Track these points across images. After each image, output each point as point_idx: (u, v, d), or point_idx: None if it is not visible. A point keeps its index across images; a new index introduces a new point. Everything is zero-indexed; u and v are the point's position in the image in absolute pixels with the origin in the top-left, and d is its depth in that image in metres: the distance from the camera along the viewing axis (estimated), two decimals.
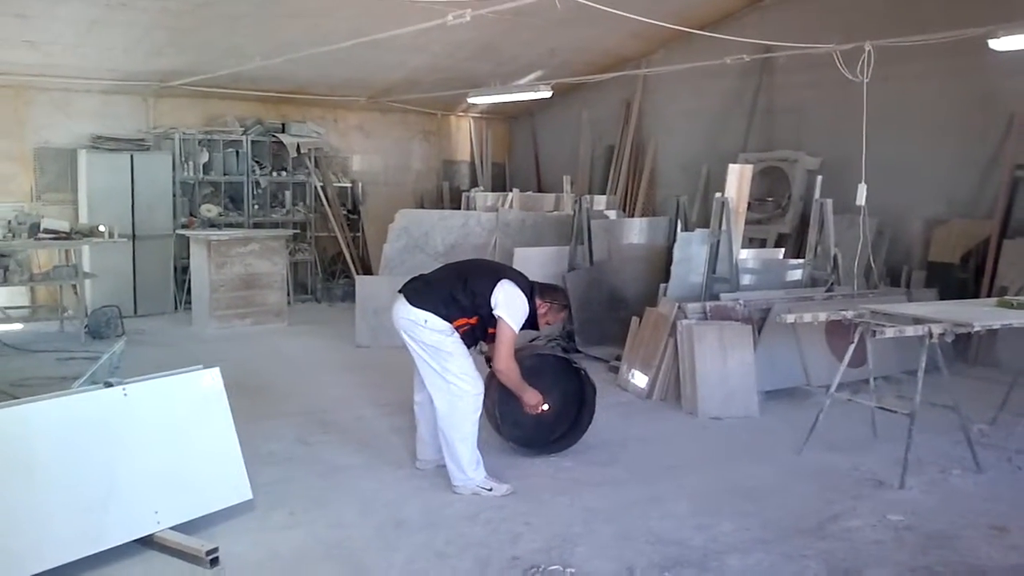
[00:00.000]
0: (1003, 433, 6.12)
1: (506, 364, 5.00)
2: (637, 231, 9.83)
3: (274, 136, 12.08)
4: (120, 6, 8.34)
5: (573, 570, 4.00)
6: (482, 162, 14.81)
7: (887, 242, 9.56)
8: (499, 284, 4.94)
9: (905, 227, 9.56)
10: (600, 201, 11.23)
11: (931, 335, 5.21)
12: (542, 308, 5.14)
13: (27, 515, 3.77)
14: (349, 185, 13.12)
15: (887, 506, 4.85)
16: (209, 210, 11.44)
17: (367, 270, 12.11)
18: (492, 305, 4.90)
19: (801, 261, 8.27)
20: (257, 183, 11.99)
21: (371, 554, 4.18)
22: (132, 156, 10.58)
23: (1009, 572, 4.07)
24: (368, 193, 13.22)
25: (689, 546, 4.29)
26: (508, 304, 4.91)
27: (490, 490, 4.93)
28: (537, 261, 9.23)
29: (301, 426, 6.22)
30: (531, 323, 5.12)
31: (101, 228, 9.36)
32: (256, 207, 11.98)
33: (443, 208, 13.25)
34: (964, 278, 8.94)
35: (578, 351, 8.63)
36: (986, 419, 6.27)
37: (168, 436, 4.35)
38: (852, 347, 5.68)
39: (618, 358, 7.85)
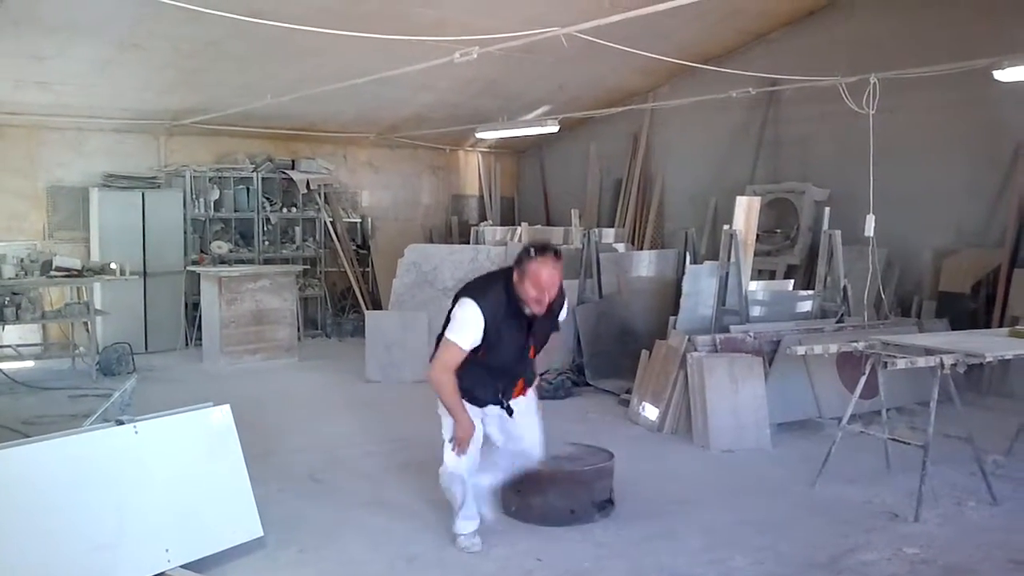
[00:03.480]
0: (1018, 464, 6.06)
1: (436, 374, 4.25)
2: (646, 264, 9.84)
3: (284, 173, 12.17)
4: (132, 46, 8.46)
5: None
6: (491, 196, 14.88)
7: (897, 272, 9.54)
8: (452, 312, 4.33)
9: (914, 257, 9.55)
10: (609, 234, 11.25)
11: (943, 366, 5.19)
12: (519, 284, 4.19)
13: (39, 553, 3.76)
14: (359, 220, 13.19)
15: (902, 539, 4.80)
16: (220, 246, 11.51)
17: (377, 305, 12.14)
18: None
19: (811, 292, 8.27)
20: (267, 219, 12.06)
21: None
22: (143, 194, 10.67)
23: None
24: (377, 228, 13.29)
25: None
26: (454, 320, 4.26)
27: (462, 548, 4.64)
28: None
29: (311, 462, 6.20)
30: (528, 320, 4.30)
31: (112, 265, 9.41)
32: (266, 243, 12.05)
33: (452, 242, 13.30)
34: (975, 308, 8.90)
35: (588, 384, 8.61)
36: (1001, 450, 6.22)
37: (179, 473, 4.35)
38: (864, 379, 5.65)
39: (628, 391, 7.82)
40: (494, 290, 4.26)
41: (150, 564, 4.08)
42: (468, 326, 4.17)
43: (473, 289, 4.32)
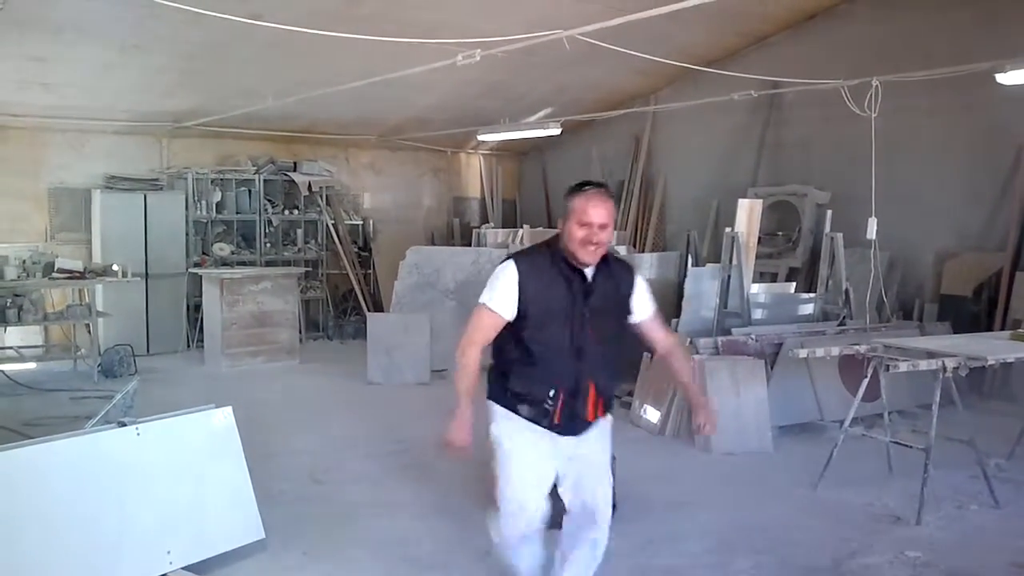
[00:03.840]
0: (1020, 467, 6.06)
1: (460, 347, 3.49)
2: (648, 266, 9.83)
3: (286, 175, 12.17)
4: (134, 48, 8.46)
5: None
6: (492, 198, 14.88)
7: (899, 275, 9.54)
8: None
9: (916, 260, 9.54)
10: None
11: (945, 369, 5.19)
12: (564, 229, 3.43)
13: (40, 555, 3.76)
14: (360, 222, 13.19)
15: (904, 543, 4.80)
16: (221, 248, 11.51)
17: (378, 307, 12.14)
18: None
19: (813, 295, 8.26)
20: (269, 221, 12.07)
21: None
22: (145, 196, 10.67)
23: None
24: (379, 230, 13.29)
25: None
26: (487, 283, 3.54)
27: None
28: None
29: (313, 465, 6.20)
30: (583, 287, 3.46)
31: (114, 267, 9.42)
32: (268, 245, 12.05)
33: (454, 244, 13.30)
34: (977, 311, 8.89)
35: None
36: (1003, 453, 6.22)
37: (181, 475, 4.35)
38: (866, 381, 5.65)
39: (630, 393, 7.82)
40: (535, 248, 3.64)
41: (152, 566, 4.08)
42: (499, 283, 3.43)
43: (513, 252, 3.69)
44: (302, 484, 5.80)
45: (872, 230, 7.65)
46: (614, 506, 5.13)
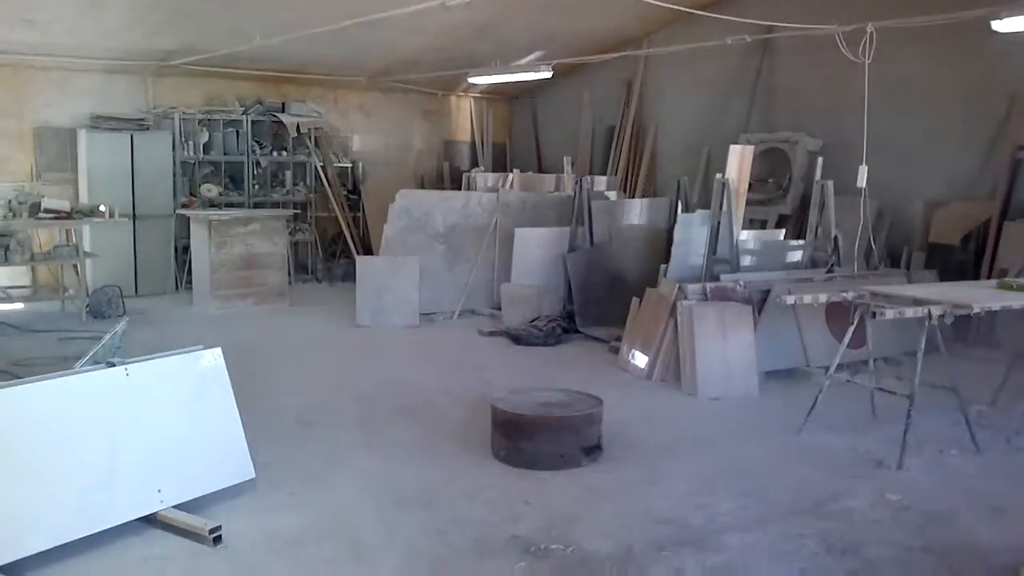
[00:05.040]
0: (1002, 414, 6.14)
1: None
2: (638, 212, 9.83)
3: (274, 116, 12.06)
4: None
5: (572, 548, 4.03)
6: (483, 142, 14.78)
7: (887, 223, 9.55)
8: None
9: (905, 208, 9.55)
10: (601, 182, 11.22)
11: (931, 317, 5.22)
12: None
13: (31, 494, 3.78)
14: (349, 165, 13.12)
15: (885, 486, 4.87)
16: (209, 190, 11.44)
17: (367, 250, 12.11)
18: None
19: (802, 242, 8.27)
20: (257, 163, 11.98)
21: (371, 532, 4.20)
22: (132, 136, 10.57)
23: (1007, 552, 4.10)
24: (368, 173, 13.21)
25: (688, 525, 4.32)
26: None
27: None
28: (537, 242, 9.25)
29: (302, 406, 6.23)
30: None
31: (102, 208, 9.36)
32: (256, 187, 11.98)
33: (444, 188, 13.24)
34: (964, 260, 8.94)
35: (578, 331, 8.65)
36: (985, 400, 6.29)
37: (170, 415, 4.37)
38: (852, 328, 5.69)
39: (618, 339, 7.86)
40: None
41: (143, 505, 4.12)
42: None
43: None
44: (291, 425, 5.84)
45: (862, 178, 7.63)
46: (600, 447, 5.22)
